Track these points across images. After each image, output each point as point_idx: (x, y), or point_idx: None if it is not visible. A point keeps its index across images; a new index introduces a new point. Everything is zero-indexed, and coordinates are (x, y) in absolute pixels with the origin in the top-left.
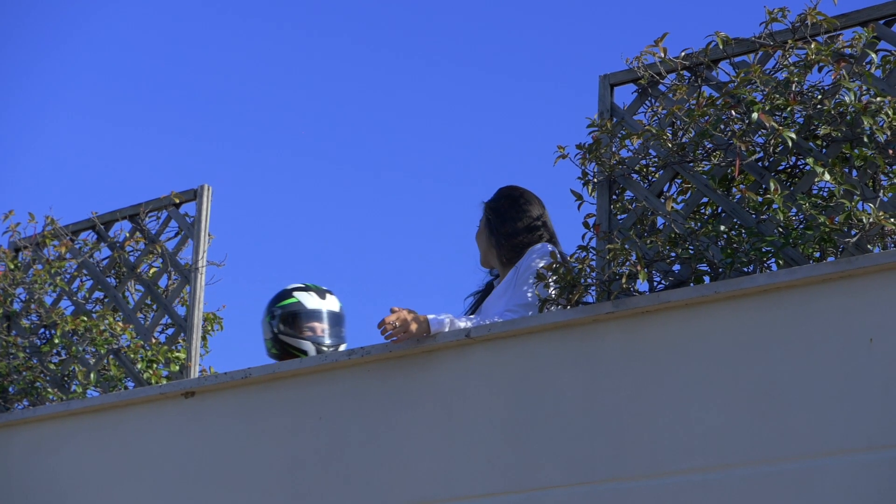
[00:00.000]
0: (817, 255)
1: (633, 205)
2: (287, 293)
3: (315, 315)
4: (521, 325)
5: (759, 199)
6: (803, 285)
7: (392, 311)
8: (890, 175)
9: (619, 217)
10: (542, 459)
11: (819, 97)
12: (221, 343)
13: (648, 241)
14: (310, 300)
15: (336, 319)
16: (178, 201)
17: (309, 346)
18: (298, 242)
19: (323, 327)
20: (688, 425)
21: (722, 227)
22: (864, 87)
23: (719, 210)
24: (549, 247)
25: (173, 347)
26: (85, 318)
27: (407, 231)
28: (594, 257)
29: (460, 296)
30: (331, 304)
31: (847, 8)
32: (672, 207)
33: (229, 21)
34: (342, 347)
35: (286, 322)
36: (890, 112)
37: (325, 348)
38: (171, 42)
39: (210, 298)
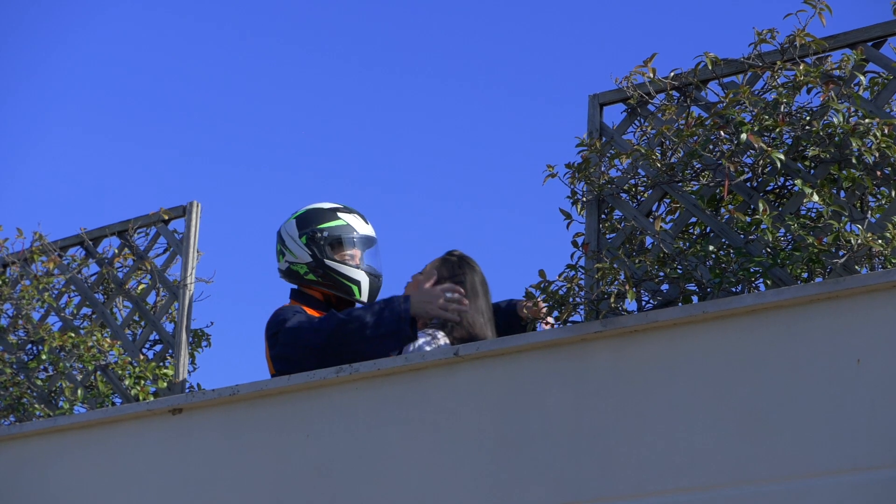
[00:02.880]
0: (805, 275)
1: (622, 224)
2: (330, 214)
3: (361, 242)
4: (509, 344)
5: (748, 219)
6: (791, 306)
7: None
8: (878, 196)
9: (607, 236)
10: (529, 478)
11: (808, 118)
12: (209, 360)
13: (637, 261)
14: (358, 224)
15: (374, 247)
16: (167, 218)
17: (362, 276)
18: None
19: (361, 255)
20: (675, 445)
21: (710, 248)
22: (853, 109)
23: (708, 230)
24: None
25: (161, 364)
26: (72, 334)
27: (394, 247)
28: (583, 276)
29: None
30: (372, 230)
31: (835, 30)
32: (661, 227)
33: (220, 36)
34: (381, 278)
35: (332, 246)
36: (878, 133)
37: (373, 277)
38: (160, 56)
39: (198, 315)
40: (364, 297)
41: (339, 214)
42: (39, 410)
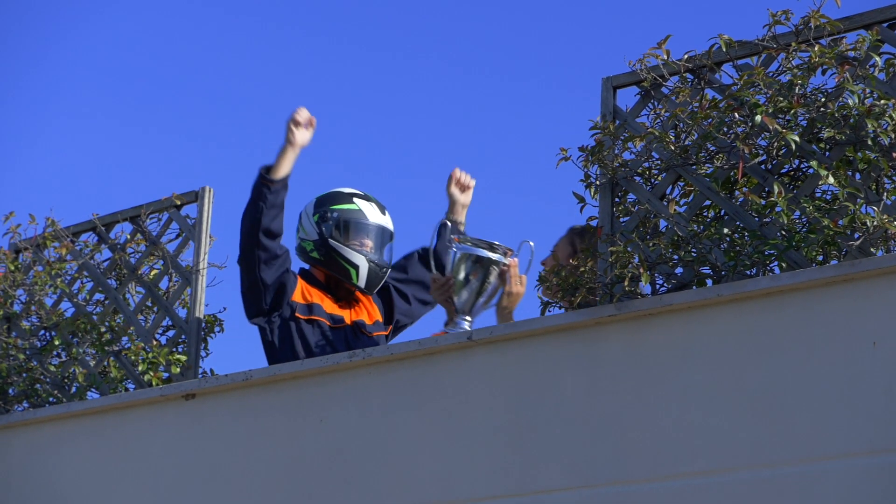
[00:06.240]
0: (820, 258)
1: (636, 207)
2: (346, 197)
3: (371, 230)
4: (522, 328)
5: (763, 201)
6: (806, 288)
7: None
8: (894, 178)
9: (621, 220)
10: (543, 462)
11: (822, 100)
12: (222, 345)
13: (651, 244)
14: (371, 212)
15: (386, 239)
16: (179, 203)
17: (362, 261)
18: None
19: (372, 245)
20: (690, 428)
21: (725, 230)
22: (868, 90)
23: (722, 213)
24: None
25: (174, 349)
26: (85, 320)
27: (408, 233)
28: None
29: None
30: (388, 222)
31: (850, 11)
32: (675, 210)
33: (231, 21)
34: (387, 271)
35: (339, 228)
36: (894, 115)
37: (375, 265)
38: (172, 42)
39: (211, 300)
40: (361, 283)
41: (355, 200)
42: (53, 396)
